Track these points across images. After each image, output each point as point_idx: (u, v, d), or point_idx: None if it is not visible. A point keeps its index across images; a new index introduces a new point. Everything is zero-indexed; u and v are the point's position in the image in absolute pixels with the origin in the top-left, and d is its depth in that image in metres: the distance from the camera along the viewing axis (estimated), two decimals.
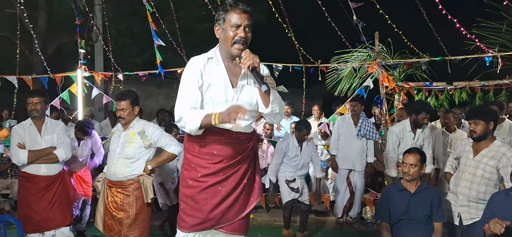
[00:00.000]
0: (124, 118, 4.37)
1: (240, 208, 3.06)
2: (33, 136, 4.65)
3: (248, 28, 2.80)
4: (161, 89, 16.39)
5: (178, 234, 3.07)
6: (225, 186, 2.98)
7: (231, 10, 2.78)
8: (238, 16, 2.77)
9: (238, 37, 2.77)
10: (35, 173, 4.62)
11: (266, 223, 7.24)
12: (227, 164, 2.96)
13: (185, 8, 13.93)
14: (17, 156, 4.53)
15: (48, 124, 4.73)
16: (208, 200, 2.97)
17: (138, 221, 4.36)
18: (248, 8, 2.82)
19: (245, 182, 3.06)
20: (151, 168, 4.39)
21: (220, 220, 3.01)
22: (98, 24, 10.65)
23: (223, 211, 3.00)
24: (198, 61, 2.88)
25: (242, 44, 2.78)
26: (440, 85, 7.97)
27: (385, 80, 7.48)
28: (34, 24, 10.74)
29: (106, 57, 9.12)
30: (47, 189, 4.64)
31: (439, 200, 4.16)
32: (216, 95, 2.86)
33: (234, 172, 3.00)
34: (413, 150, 4.27)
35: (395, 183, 4.43)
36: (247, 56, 2.70)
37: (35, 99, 4.63)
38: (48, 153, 4.61)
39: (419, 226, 4.11)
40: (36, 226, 4.60)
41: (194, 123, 2.74)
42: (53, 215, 4.65)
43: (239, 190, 3.03)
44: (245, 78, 2.92)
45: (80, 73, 7.51)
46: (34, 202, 4.61)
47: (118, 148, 4.39)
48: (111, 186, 4.42)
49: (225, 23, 2.80)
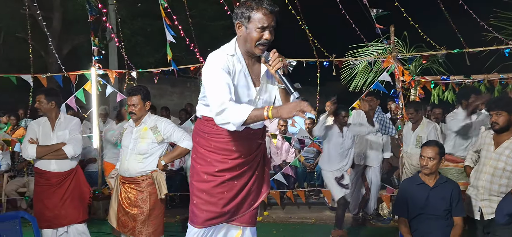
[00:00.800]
0: (136, 114, 4.35)
1: (252, 200, 3.05)
2: (46, 131, 4.69)
3: (273, 29, 2.67)
4: (174, 87, 16.42)
5: (190, 229, 3.01)
6: (241, 180, 2.96)
7: (257, 9, 2.62)
8: (265, 18, 2.61)
9: (264, 39, 2.64)
10: (45, 169, 4.64)
11: (281, 220, 7.20)
12: (244, 159, 2.93)
13: (198, 6, 13.93)
14: (26, 151, 4.59)
15: (62, 120, 4.74)
16: (224, 194, 2.93)
17: (152, 217, 4.34)
18: (275, 6, 2.66)
19: (257, 175, 3.04)
20: (164, 163, 4.37)
21: (234, 213, 2.99)
22: (112, 23, 10.68)
23: (238, 205, 2.98)
24: (222, 56, 2.73)
25: (266, 45, 2.67)
26: (457, 78, 7.81)
27: (401, 74, 7.36)
28: (49, 25, 10.83)
29: (120, 56, 9.13)
30: (58, 186, 4.64)
31: (458, 194, 4.06)
32: (238, 95, 2.75)
33: (249, 166, 2.98)
34: (432, 142, 4.17)
35: (413, 177, 4.33)
36: (276, 58, 2.60)
37: (37, 97, 4.68)
38: (57, 149, 4.60)
39: (438, 221, 4.01)
40: (48, 222, 4.61)
41: (240, 117, 2.56)
42: (65, 212, 4.65)
43: (251, 182, 3.00)
44: (265, 76, 2.85)
45: (94, 71, 7.52)
46: (46, 198, 4.63)
47: (130, 144, 4.37)
48: (125, 182, 4.40)
49: (250, 23, 2.64)
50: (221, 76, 2.66)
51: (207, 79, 2.72)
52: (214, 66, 2.69)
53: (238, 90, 2.75)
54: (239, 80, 2.76)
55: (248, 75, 2.79)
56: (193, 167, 3.02)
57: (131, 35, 13.24)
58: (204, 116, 2.93)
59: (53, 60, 11.62)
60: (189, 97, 15.59)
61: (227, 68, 2.69)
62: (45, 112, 4.69)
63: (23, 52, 10.17)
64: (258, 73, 2.83)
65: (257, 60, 2.81)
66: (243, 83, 2.78)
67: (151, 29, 13.51)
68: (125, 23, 12.92)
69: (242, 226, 3.07)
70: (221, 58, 2.71)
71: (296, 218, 7.28)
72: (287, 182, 7.55)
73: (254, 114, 2.55)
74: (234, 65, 2.74)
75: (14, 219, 4.22)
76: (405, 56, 8.17)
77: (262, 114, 2.55)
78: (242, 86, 2.78)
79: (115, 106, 11.37)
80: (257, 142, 3.01)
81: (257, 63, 2.81)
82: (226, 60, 2.72)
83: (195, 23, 12.23)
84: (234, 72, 2.74)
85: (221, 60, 2.70)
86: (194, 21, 12.56)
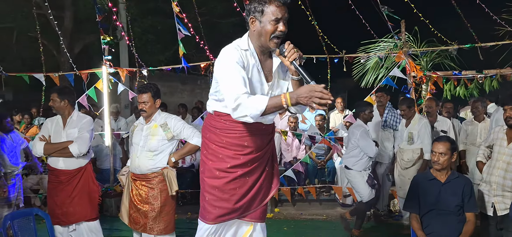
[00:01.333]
0: (146, 111, 4.38)
1: (263, 196, 3.06)
2: (57, 129, 4.75)
3: (286, 21, 2.67)
4: (185, 85, 16.48)
5: (201, 226, 3.02)
6: (252, 176, 2.96)
7: (270, 2, 2.63)
8: (278, 9, 2.62)
9: (279, 31, 2.65)
10: (54, 166, 4.71)
11: (292, 216, 7.20)
12: (256, 155, 2.94)
13: (208, 4, 13.97)
14: (35, 148, 4.69)
15: (74, 118, 4.77)
16: (236, 191, 2.93)
17: (163, 214, 4.37)
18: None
19: (267, 171, 3.05)
20: (174, 160, 4.40)
21: (246, 209, 3.00)
22: (122, 22, 10.75)
23: (249, 201, 2.99)
24: (236, 51, 2.72)
25: (281, 37, 2.67)
26: (469, 73, 7.73)
27: (412, 69, 7.31)
28: (60, 24, 10.94)
29: (131, 54, 9.19)
30: (67, 183, 4.68)
31: (470, 190, 4.01)
32: (252, 90, 2.75)
33: (260, 162, 2.99)
34: (443, 138, 4.13)
35: (424, 172, 4.30)
36: (292, 49, 2.61)
37: (51, 95, 4.74)
38: (64, 147, 4.63)
39: (450, 217, 3.97)
40: (57, 218, 4.67)
41: (259, 108, 2.54)
42: (73, 209, 4.69)
43: (262, 178, 3.02)
44: (277, 71, 2.85)
45: (105, 70, 7.58)
46: (55, 194, 4.70)
47: (141, 141, 4.40)
48: (136, 179, 4.44)
49: (264, 16, 2.64)
50: (236, 69, 2.66)
51: (221, 73, 2.72)
52: (228, 60, 2.69)
53: (250, 86, 2.75)
54: (253, 74, 2.77)
55: (261, 70, 2.80)
56: (203, 163, 3.02)
57: (142, 33, 13.32)
58: (216, 111, 2.93)
59: (65, 59, 11.75)
60: (199, 94, 15.65)
61: (241, 62, 2.70)
62: (58, 110, 4.74)
63: (36, 52, 10.30)
64: (270, 68, 2.84)
65: (269, 56, 2.82)
66: (257, 78, 2.79)
67: (162, 27, 13.58)
68: (136, 21, 13.00)
69: (253, 222, 3.08)
70: (235, 52, 2.71)
71: (307, 214, 7.27)
72: (298, 178, 7.54)
73: (272, 103, 2.55)
74: (247, 60, 2.75)
75: (28, 216, 4.30)
76: (416, 51, 8.11)
77: (280, 102, 2.54)
78: (256, 81, 2.79)
79: (126, 104, 11.46)
80: (269, 137, 3.02)
81: (269, 58, 2.82)
82: (240, 54, 2.72)
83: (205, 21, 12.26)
84: (248, 67, 2.74)
85: (235, 54, 2.70)
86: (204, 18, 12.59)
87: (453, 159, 4.08)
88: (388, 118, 6.54)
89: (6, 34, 13.15)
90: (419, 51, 8.21)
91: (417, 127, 6.14)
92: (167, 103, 9.97)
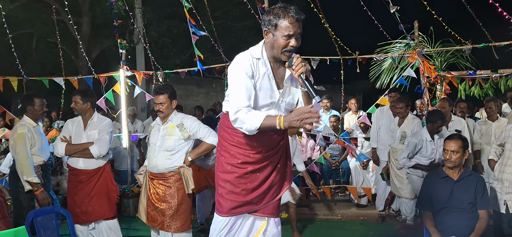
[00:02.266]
0: (163, 112, 4.50)
1: (275, 192, 3.15)
2: (78, 130, 4.90)
3: (299, 36, 2.76)
4: (200, 88, 16.64)
5: (215, 218, 3.14)
6: (263, 173, 3.06)
7: (284, 17, 2.70)
8: (291, 26, 2.69)
9: (290, 47, 2.73)
10: (74, 166, 4.86)
11: (307, 216, 7.24)
12: (265, 154, 3.04)
13: (222, 7, 14.10)
14: (56, 148, 4.84)
15: (94, 120, 4.93)
16: (247, 185, 3.04)
17: (180, 212, 4.49)
18: (302, 14, 2.74)
19: (279, 167, 3.14)
20: (191, 159, 4.51)
21: (257, 203, 3.10)
22: (139, 26, 10.94)
23: (260, 195, 3.08)
24: (248, 60, 2.83)
25: (292, 52, 2.76)
26: (484, 73, 7.70)
27: (426, 70, 7.31)
28: (79, 29, 11.17)
29: (147, 58, 9.36)
30: (86, 182, 4.82)
31: (483, 187, 4.04)
32: (262, 97, 2.88)
33: (271, 160, 3.08)
34: (455, 136, 4.16)
35: (437, 170, 4.33)
36: (300, 63, 2.69)
37: (74, 97, 4.89)
38: (84, 148, 4.78)
39: (463, 214, 4.00)
40: (76, 217, 4.79)
41: (253, 125, 2.73)
42: (92, 208, 4.82)
43: (274, 174, 3.10)
44: (289, 79, 2.94)
45: (123, 73, 7.75)
46: (75, 193, 4.84)
47: (158, 141, 4.53)
48: (153, 178, 4.56)
49: (277, 30, 2.72)
50: (242, 80, 2.78)
51: (230, 80, 2.87)
52: (237, 69, 2.82)
53: (261, 93, 2.87)
54: (263, 83, 2.88)
55: (272, 78, 2.90)
56: (218, 159, 3.16)
57: (158, 37, 13.50)
58: (228, 111, 3.05)
59: (83, 63, 11.99)
60: (214, 97, 15.78)
61: (250, 72, 2.81)
62: (80, 111, 4.89)
63: (55, 57, 10.56)
64: (282, 76, 2.93)
65: (282, 64, 2.91)
66: (267, 86, 2.89)
67: (177, 31, 13.74)
68: (152, 26, 13.19)
69: (266, 217, 3.17)
70: (245, 61, 2.82)
71: (322, 214, 7.32)
72: (313, 179, 7.58)
73: (267, 123, 2.72)
74: (258, 68, 2.86)
75: (50, 214, 4.45)
76: (430, 51, 8.11)
77: (274, 123, 2.70)
78: (266, 89, 2.89)
79: (143, 107, 11.63)
80: (279, 137, 3.10)
81: (282, 66, 2.91)
82: (251, 63, 2.83)
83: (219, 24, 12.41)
84: (258, 75, 2.85)
85: (245, 64, 2.82)
86: (219, 22, 12.75)
87: (465, 157, 4.10)
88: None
89: (27, 40, 13.45)
90: (433, 51, 8.20)
91: (410, 126, 6.15)
92: (183, 106, 10.10)
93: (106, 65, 12.45)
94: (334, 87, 14.80)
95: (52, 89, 8.56)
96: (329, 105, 8.81)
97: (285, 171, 3.21)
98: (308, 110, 2.57)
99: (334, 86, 14.99)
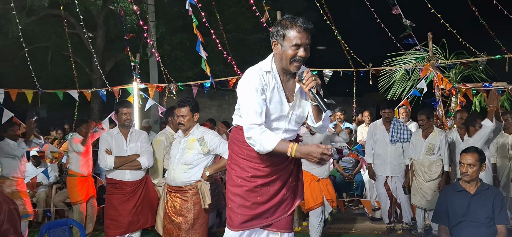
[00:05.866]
0: (184, 125, 4.49)
1: (286, 206, 3.10)
2: (119, 143, 5.03)
3: (308, 46, 2.76)
4: (213, 101, 16.69)
5: (226, 233, 3.11)
6: (273, 186, 3.04)
7: (291, 27, 2.72)
8: (299, 36, 2.70)
9: (299, 57, 2.74)
10: (120, 179, 4.99)
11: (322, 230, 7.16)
12: (275, 167, 3.02)
13: (235, 20, 14.16)
14: (105, 161, 4.92)
15: (133, 133, 5.11)
16: (257, 198, 3.02)
17: (196, 226, 4.47)
18: (309, 24, 2.75)
19: (290, 182, 3.11)
20: (208, 174, 4.50)
21: (268, 218, 3.06)
22: (152, 39, 11.03)
23: (271, 209, 3.05)
24: (258, 74, 2.84)
25: (301, 62, 2.77)
26: (500, 85, 7.61)
27: (440, 82, 7.24)
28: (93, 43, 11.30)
29: (160, 70, 9.43)
30: (132, 194, 4.98)
31: (501, 201, 3.97)
32: (272, 109, 2.88)
33: (281, 174, 3.06)
34: (471, 149, 4.09)
35: (453, 184, 4.26)
36: (310, 77, 2.70)
37: (129, 109, 5.08)
38: (132, 160, 4.96)
39: (480, 229, 3.91)
40: (123, 228, 4.94)
41: (266, 147, 2.76)
42: (137, 218, 5.01)
43: (285, 189, 3.08)
44: (299, 93, 2.94)
45: (136, 85, 7.80)
46: (121, 206, 4.96)
47: (178, 154, 4.53)
48: (171, 191, 4.57)
49: (285, 41, 2.74)
50: (253, 96, 2.79)
51: (241, 96, 2.89)
52: (248, 85, 2.83)
53: (271, 106, 2.87)
54: (273, 96, 2.87)
55: (282, 91, 2.89)
56: (228, 173, 3.14)
57: (171, 50, 13.58)
58: (238, 125, 3.04)
59: (97, 76, 12.09)
60: (227, 109, 15.82)
61: (261, 86, 2.81)
62: (129, 123, 5.08)
63: (69, 70, 10.67)
64: (292, 89, 2.93)
65: (292, 76, 2.91)
66: (277, 99, 2.89)
67: (190, 44, 13.80)
68: (165, 39, 13.28)
69: (280, 232, 3.13)
70: (255, 77, 2.83)
71: (335, 228, 7.24)
72: None
73: (279, 148, 2.75)
74: (268, 82, 2.85)
75: (63, 226, 4.47)
76: (444, 63, 8.04)
77: (286, 150, 2.73)
78: (276, 102, 2.89)
79: (156, 119, 11.68)
80: None
81: (292, 79, 2.91)
82: (261, 77, 2.83)
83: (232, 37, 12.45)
84: (268, 89, 2.86)
85: (255, 79, 2.82)
86: (231, 35, 12.79)
87: (482, 170, 4.03)
88: (394, 133, 6.49)
89: (42, 53, 13.63)
90: (448, 63, 8.13)
91: (438, 138, 6.11)
92: None
93: (120, 78, 12.57)
94: (346, 99, 14.74)
95: (66, 102, 8.65)
96: (342, 117, 8.76)
97: (297, 185, 3.18)
98: (321, 151, 2.64)
99: (347, 99, 14.93)
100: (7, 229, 3.22)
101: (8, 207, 3.24)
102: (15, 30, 8.65)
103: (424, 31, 7.38)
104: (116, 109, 5.19)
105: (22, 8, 10.64)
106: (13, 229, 3.24)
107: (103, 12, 12.76)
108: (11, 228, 3.23)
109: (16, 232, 3.26)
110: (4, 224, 3.21)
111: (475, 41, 7.48)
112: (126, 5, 10.85)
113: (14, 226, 3.26)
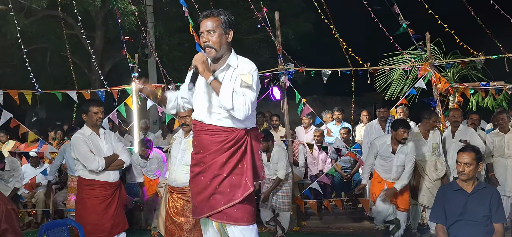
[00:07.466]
0: (188, 125, 4.47)
1: (226, 198, 3.15)
2: (96, 144, 4.82)
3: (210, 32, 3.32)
4: None
5: None
6: (205, 176, 3.17)
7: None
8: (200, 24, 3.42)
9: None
10: (105, 180, 4.79)
11: (319, 230, 7.21)
12: (204, 155, 3.17)
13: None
14: (96, 163, 4.66)
15: (105, 133, 5.00)
16: (194, 189, 3.24)
17: (198, 227, 4.42)
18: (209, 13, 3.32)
19: (226, 175, 3.14)
20: None
21: (204, 209, 3.19)
22: (151, 40, 11.04)
23: (205, 200, 3.17)
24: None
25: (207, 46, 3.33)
26: (498, 84, 7.63)
27: (437, 81, 7.27)
28: (92, 43, 11.31)
29: (159, 71, 9.45)
30: (113, 195, 4.85)
31: (498, 200, 3.99)
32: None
33: (212, 163, 3.15)
34: (468, 148, 4.11)
35: (451, 183, 4.29)
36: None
37: (98, 108, 4.82)
38: (116, 159, 4.85)
39: (477, 227, 3.94)
40: (106, 232, 4.75)
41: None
42: (118, 221, 4.87)
43: (218, 180, 3.14)
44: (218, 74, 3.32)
45: (135, 86, 7.81)
46: (103, 209, 4.76)
47: (179, 154, 4.51)
48: (172, 192, 4.56)
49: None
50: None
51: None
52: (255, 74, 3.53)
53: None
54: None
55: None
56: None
57: (169, 50, 13.59)
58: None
59: (96, 76, 12.09)
60: None
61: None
62: (100, 123, 4.88)
63: (67, 70, 10.68)
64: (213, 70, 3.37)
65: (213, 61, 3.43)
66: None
67: (189, 45, 13.82)
68: (163, 39, 13.28)
69: (227, 224, 3.20)
70: None
71: (334, 227, 7.28)
72: (324, 192, 7.54)
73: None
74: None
75: (62, 226, 4.47)
76: (442, 63, 8.06)
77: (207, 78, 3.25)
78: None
79: (155, 119, 11.70)
80: (217, 139, 3.15)
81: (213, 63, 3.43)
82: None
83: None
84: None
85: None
86: None
87: (479, 169, 4.05)
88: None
89: (41, 54, 13.63)
90: (445, 63, 8.15)
91: (437, 138, 6.15)
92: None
93: (118, 78, 12.56)
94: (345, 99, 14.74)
95: (64, 103, 8.64)
96: (340, 117, 8.79)
97: (239, 180, 3.17)
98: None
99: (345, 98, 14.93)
100: (6, 229, 3.25)
101: (5, 207, 3.26)
102: (13, 31, 8.65)
103: (422, 31, 7.41)
104: (85, 109, 4.81)
105: (21, 9, 10.65)
106: (11, 229, 3.26)
107: (101, 12, 12.77)
108: (9, 228, 3.25)
109: (14, 232, 3.28)
110: (2, 224, 3.24)
111: (471, 41, 7.51)
112: (124, 6, 10.86)
113: (12, 226, 3.28)
